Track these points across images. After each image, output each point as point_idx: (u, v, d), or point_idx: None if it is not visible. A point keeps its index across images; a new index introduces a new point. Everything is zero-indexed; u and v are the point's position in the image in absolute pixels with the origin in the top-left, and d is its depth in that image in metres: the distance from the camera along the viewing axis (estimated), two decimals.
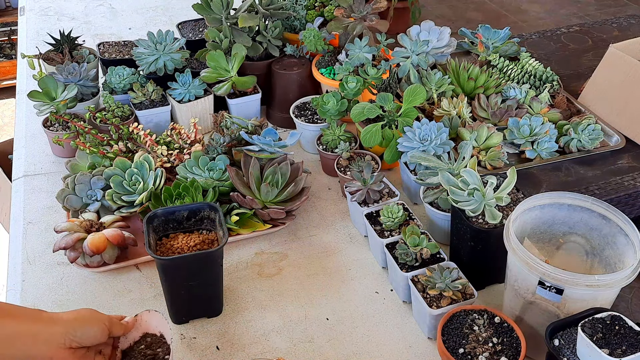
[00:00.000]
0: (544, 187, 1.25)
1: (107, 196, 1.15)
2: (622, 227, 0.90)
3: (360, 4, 1.44)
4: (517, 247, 0.86)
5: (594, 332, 0.79)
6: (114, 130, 1.28)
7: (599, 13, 3.63)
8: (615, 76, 1.42)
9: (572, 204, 0.94)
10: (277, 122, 1.53)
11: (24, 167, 1.39)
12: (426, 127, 1.17)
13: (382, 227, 1.10)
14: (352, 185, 1.16)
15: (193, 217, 1.06)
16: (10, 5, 3.66)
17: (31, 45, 1.87)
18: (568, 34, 1.88)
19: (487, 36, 1.57)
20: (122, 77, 1.43)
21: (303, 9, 1.62)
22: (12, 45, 3.60)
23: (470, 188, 1.00)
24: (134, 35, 1.92)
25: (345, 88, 1.32)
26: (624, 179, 1.29)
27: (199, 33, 1.67)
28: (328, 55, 1.51)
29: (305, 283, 1.10)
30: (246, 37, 1.45)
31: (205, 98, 1.43)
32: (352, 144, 1.31)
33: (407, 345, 0.99)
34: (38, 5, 2.16)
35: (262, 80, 1.50)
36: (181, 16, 1.92)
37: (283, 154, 1.22)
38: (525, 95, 1.39)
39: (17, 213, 1.26)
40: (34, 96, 1.34)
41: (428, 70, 1.36)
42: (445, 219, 1.11)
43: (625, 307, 1.25)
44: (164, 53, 1.42)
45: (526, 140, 1.31)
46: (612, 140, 1.38)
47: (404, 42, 1.35)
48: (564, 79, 1.57)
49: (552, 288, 0.83)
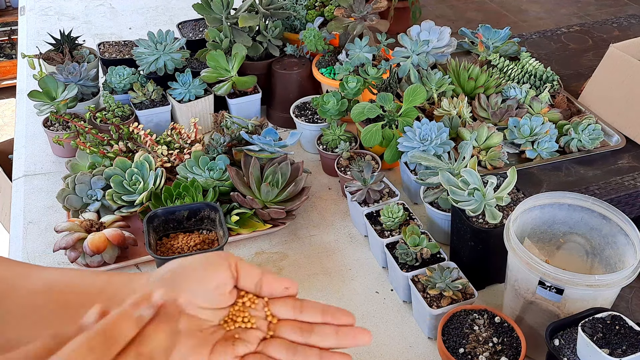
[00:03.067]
0: (544, 187, 1.25)
1: (107, 196, 1.15)
2: (622, 227, 0.90)
3: (360, 4, 1.44)
4: (518, 247, 0.86)
5: (594, 332, 0.79)
6: (114, 130, 1.28)
7: (599, 13, 3.63)
8: (615, 76, 1.42)
9: (572, 204, 0.94)
10: (277, 122, 1.53)
11: (24, 167, 1.39)
12: (426, 127, 1.17)
13: (382, 227, 1.10)
14: (352, 185, 1.16)
15: (193, 217, 1.06)
16: (10, 5, 3.66)
17: (31, 45, 1.87)
18: (568, 34, 1.88)
19: (487, 36, 1.57)
20: (122, 77, 1.43)
21: (303, 9, 1.62)
22: (12, 45, 3.60)
23: (470, 188, 1.00)
24: (134, 35, 1.92)
25: (345, 88, 1.32)
26: (624, 179, 1.29)
27: (199, 33, 1.67)
28: (328, 55, 1.51)
29: (306, 283, 1.10)
30: (246, 37, 1.45)
31: (205, 98, 1.43)
32: (352, 144, 1.31)
33: (407, 345, 0.99)
34: (38, 5, 2.16)
35: (262, 80, 1.50)
36: (181, 16, 1.92)
37: (283, 154, 1.22)
38: (526, 95, 1.39)
39: (17, 213, 1.26)
40: (34, 96, 1.34)
41: (428, 70, 1.36)
42: (445, 218, 1.11)
43: (625, 307, 1.25)
44: (164, 53, 1.42)
45: (526, 140, 1.31)
46: (612, 140, 1.38)
47: (404, 42, 1.35)
48: (564, 79, 1.57)
49: (552, 288, 0.83)
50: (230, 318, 0.51)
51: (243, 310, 0.52)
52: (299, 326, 0.52)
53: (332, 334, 0.51)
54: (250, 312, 0.52)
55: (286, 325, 0.52)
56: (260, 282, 0.52)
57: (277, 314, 0.53)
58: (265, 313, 0.52)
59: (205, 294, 0.50)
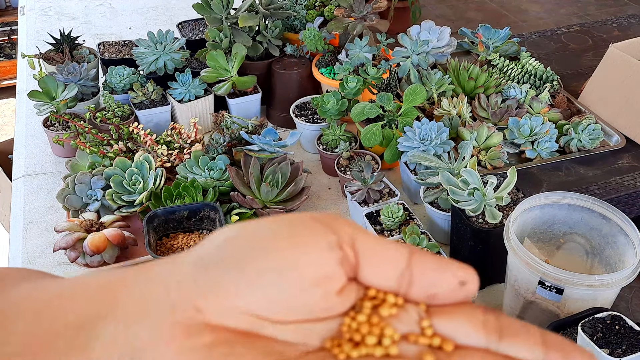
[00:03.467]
0: (544, 187, 1.25)
1: (107, 196, 1.15)
2: (622, 226, 0.90)
3: (360, 4, 1.44)
4: (517, 247, 0.86)
5: (594, 331, 0.79)
6: (114, 130, 1.28)
7: (599, 13, 3.63)
8: (615, 76, 1.42)
9: (572, 204, 0.94)
10: (277, 121, 1.53)
11: (24, 167, 1.39)
12: (426, 126, 1.17)
13: (382, 226, 1.10)
14: (352, 185, 1.16)
15: (193, 216, 1.06)
16: (10, 5, 3.66)
17: (31, 45, 1.87)
18: (568, 34, 1.88)
19: (487, 36, 1.57)
20: (122, 77, 1.43)
21: (303, 9, 1.62)
22: (12, 45, 3.60)
23: (470, 188, 1.00)
24: (134, 35, 1.92)
25: (345, 88, 1.32)
26: (624, 179, 1.29)
27: (199, 33, 1.67)
28: (328, 55, 1.51)
29: None
30: (246, 37, 1.45)
31: (205, 98, 1.43)
32: (352, 144, 1.31)
33: None
34: (38, 5, 2.16)
35: (262, 80, 1.50)
36: (181, 16, 1.92)
37: (283, 154, 1.22)
38: (526, 95, 1.39)
39: (17, 213, 1.26)
40: (34, 96, 1.33)
41: (428, 70, 1.36)
42: (445, 218, 1.11)
43: (625, 307, 1.25)
44: (164, 53, 1.42)
45: (526, 140, 1.31)
46: (612, 140, 1.38)
47: (404, 41, 1.35)
48: (564, 79, 1.57)
49: (552, 288, 0.83)
50: (345, 336, 0.26)
51: (373, 323, 0.26)
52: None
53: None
54: (390, 324, 0.26)
55: (473, 356, 0.26)
56: (408, 270, 0.27)
57: (449, 334, 0.27)
58: (423, 329, 0.27)
59: (287, 297, 0.26)
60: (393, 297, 0.27)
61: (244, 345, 0.25)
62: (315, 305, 0.26)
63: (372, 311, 0.27)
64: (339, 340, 0.26)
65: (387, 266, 0.27)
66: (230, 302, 0.25)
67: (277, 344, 0.26)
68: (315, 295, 0.26)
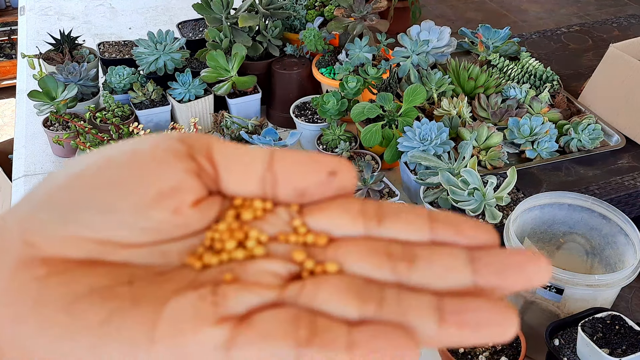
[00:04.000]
0: (544, 187, 1.25)
1: None
2: (622, 226, 0.90)
3: (360, 4, 1.44)
4: (518, 247, 0.86)
5: (594, 331, 0.79)
6: (114, 130, 1.28)
7: (599, 13, 3.63)
8: (615, 76, 1.42)
9: (572, 204, 0.95)
10: (277, 121, 1.53)
11: (24, 167, 1.39)
12: (426, 126, 1.18)
13: None
14: None
15: None
16: (10, 5, 3.66)
17: (31, 45, 1.87)
18: (568, 34, 1.88)
19: (487, 36, 1.57)
20: (122, 77, 1.43)
21: (303, 9, 1.62)
22: (12, 45, 3.60)
23: (470, 188, 1.01)
24: (134, 35, 1.92)
25: (345, 88, 1.32)
26: (624, 179, 1.29)
27: (199, 33, 1.67)
28: (328, 55, 1.51)
29: None
30: (246, 37, 1.45)
31: (205, 98, 1.43)
32: (352, 144, 1.31)
33: None
34: (38, 5, 2.16)
35: (262, 80, 1.50)
36: (181, 16, 1.92)
37: None
38: (526, 95, 1.39)
39: None
40: (34, 96, 1.34)
41: (428, 70, 1.36)
42: None
43: (625, 307, 1.25)
44: (164, 53, 1.42)
45: (526, 140, 1.31)
46: (612, 140, 1.38)
47: (404, 41, 1.35)
48: (564, 79, 1.57)
49: (552, 288, 0.83)
50: (206, 245, 0.24)
51: (234, 228, 0.24)
52: (385, 249, 0.23)
53: (462, 263, 0.22)
54: (256, 227, 0.24)
55: (348, 247, 0.23)
56: (270, 171, 0.24)
57: (324, 228, 0.24)
58: (295, 228, 0.24)
59: (133, 218, 0.23)
60: (260, 202, 0.25)
61: (86, 272, 0.22)
62: (166, 222, 0.23)
63: (234, 219, 0.25)
64: (200, 254, 0.24)
65: (247, 170, 0.24)
66: (66, 231, 0.23)
67: (127, 268, 0.23)
68: (164, 210, 0.23)
